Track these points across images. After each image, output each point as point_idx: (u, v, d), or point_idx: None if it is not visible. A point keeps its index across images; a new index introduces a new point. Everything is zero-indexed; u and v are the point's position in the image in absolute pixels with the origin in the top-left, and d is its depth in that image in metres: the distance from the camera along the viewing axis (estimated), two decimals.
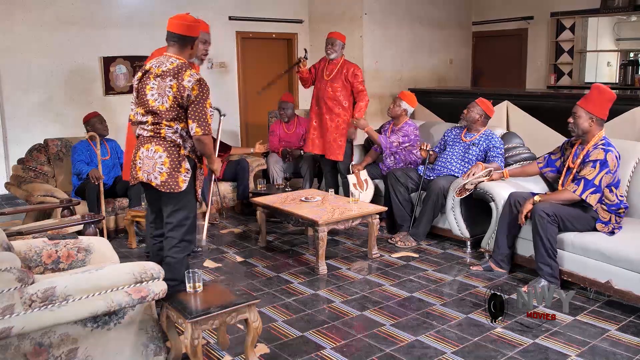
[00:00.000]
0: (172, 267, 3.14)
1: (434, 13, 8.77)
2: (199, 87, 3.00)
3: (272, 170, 6.04)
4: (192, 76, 3.00)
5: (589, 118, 3.67)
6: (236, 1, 7.84)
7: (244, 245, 4.87)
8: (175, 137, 3.07)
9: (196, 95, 2.98)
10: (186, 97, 2.98)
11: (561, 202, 3.68)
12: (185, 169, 3.09)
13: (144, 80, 3.12)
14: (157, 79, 3.05)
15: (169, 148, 3.06)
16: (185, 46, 3.12)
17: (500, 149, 4.67)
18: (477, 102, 4.78)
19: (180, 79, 2.98)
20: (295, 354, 2.97)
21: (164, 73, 3.04)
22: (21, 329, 2.17)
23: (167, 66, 3.05)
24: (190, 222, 3.22)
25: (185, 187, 3.08)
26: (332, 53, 5.50)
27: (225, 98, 7.81)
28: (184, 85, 2.97)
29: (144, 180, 3.10)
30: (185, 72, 3.00)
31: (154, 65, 3.10)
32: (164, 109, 3.03)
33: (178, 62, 3.06)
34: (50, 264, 2.96)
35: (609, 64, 9.28)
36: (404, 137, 5.17)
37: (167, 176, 3.05)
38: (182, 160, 3.08)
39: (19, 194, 4.94)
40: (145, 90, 3.09)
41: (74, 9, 6.56)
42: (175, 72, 3.01)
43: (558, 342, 3.06)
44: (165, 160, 3.05)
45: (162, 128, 3.06)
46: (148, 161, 3.08)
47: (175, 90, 2.99)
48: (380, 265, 4.34)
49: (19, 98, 6.35)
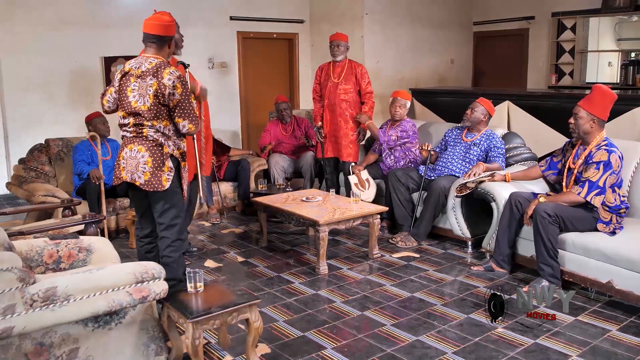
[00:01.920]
0: (169, 266, 3.15)
1: (435, 13, 8.77)
2: (181, 84, 3.03)
3: (273, 170, 6.04)
4: (172, 74, 3.01)
5: (590, 119, 3.66)
6: (237, 1, 7.85)
7: (245, 245, 4.88)
8: (157, 136, 3.08)
9: (180, 93, 3.02)
10: (168, 95, 3.00)
11: (565, 204, 3.67)
12: (168, 168, 3.10)
13: (124, 83, 3.12)
14: (137, 80, 3.06)
15: (151, 147, 3.07)
16: (163, 46, 3.15)
17: (501, 149, 4.67)
18: (479, 102, 4.78)
19: (160, 77, 3.00)
20: (296, 354, 2.97)
21: (143, 73, 3.05)
22: (22, 328, 2.17)
23: (146, 66, 3.06)
24: (182, 221, 3.26)
25: (169, 185, 3.10)
26: (339, 55, 5.53)
27: (226, 98, 7.82)
28: (164, 83, 2.99)
29: (128, 180, 3.11)
30: (165, 70, 3.01)
31: (133, 67, 3.11)
32: (145, 109, 3.04)
33: (157, 61, 3.08)
34: (51, 264, 2.97)
35: (610, 64, 9.27)
36: (402, 132, 5.18)
37: (151, 175, 3.06)
38: (165, 159, 3.10)
39: (20, 194, 4.94)
40: (126, 93, 3.10)
41: (75, 9, 6.57)
42: (154, 71, 3.02)
43: (559, 342, 3.05)
44: (148, 159, 3.06)
45: (144, 128, 3.07)
46: (131, 161, 3.09)
47: (155, 88, 3.00)
48: (381, 265, 4.34)
49: (20, 98, 6.36)
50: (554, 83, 8.79)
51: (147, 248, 3.37)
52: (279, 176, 5.99)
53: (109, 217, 4.95)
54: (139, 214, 3.36)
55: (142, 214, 3.34)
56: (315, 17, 8.47)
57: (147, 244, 3.37)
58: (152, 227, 3.34)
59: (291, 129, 6.31)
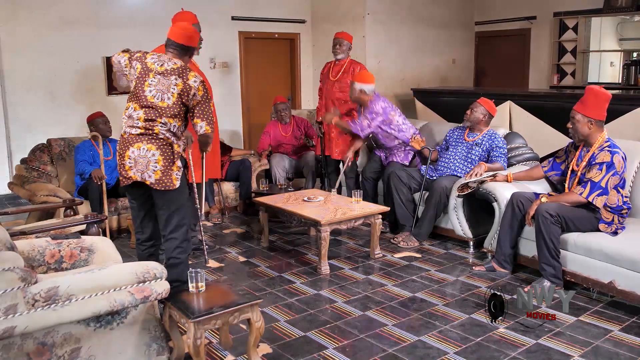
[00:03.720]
0: (177, 268, 3.16)
1: (437, 13, 8.76)
2: (204, 88, 3.18)
3: (275, 170, 6.04)
4: (197, 77, 3.17)
5: (588, 122, 3.66)
6: (239, 1, 7.85)
7: (247, 245, 4.88)
8: (169, 135, 3.11)
9: (202, 96, 3.16)
10: (192, 96, 3.12)
11: (567, 204, 3.67)
12: (177, 167, 3.14)
13: (142, 76, 3.14)
14: (157, 76, 3.10)
15: (161, 146, 3.09)
16: (185, 54, 3.26)
17: (502, 149, 4.67)
18: (480, 102, 4.77)
19: (185, 78, 3.12)
20: (297, 353, 2.97)
21: (166, 71, 3.11)
22: (24, 328, 2.18)
23: (170, 66, 3.14)
24: (189, 221, 3.31)
25: (179, 184, 3.13)
26: (339, 53, 5.55)
27: (227, 98, 7.82)
28: (189, 84, 3.11)
29: (138, 179, 3.10)
30: (190, 73, 3.16)
31: (155, 63, 3.15)
32: (164, 106, 3.08)
33: (181, 63, 3.19)
34: (53, 264, 2.97)
35: (612, 64, 9.26)
36: (371, 114, 5.08)
37: (162, 174, 3.07)
38: (175, 158, 3.13)
39: (22, 194, 4.95)
40: (143, 87, 3.11)
41: (77, 9, 6.58)
42: (179, 72, 3.12)
43: (561, 342, 3.05)
44: (159, 158, 3.08)
45: (156, 125, 3.08)
46: (141, 160, 3.08)
47: (180, 88, 3.10)
48: (382, 265, 4.34)
49: (23, 98, 6.37)
50: (555, 83, 8.77)
51: (149, 252, 3.36)
52: (281, 176, 6.00)
53: (110, 217, 4.95)
54: (140, 218, 3.33)
55: (143, 217, 3.31)
56: (317, 17, 8.47)
57: (148, 247, 3.36)
58: (153, 230, 3.33)
59: (291, 130, 6.31)
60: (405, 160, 5.23)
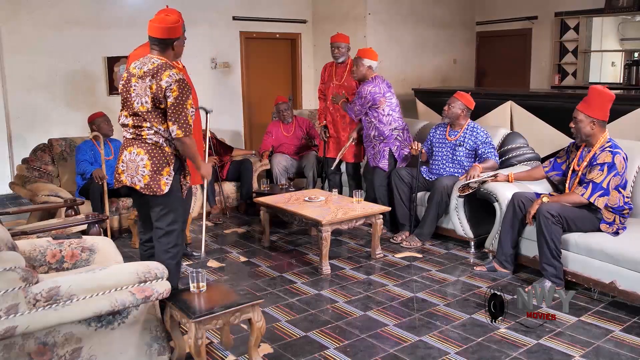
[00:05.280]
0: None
1: (438, 13, 8.75)
2: (179, 88, 2.93)
3: (276, 171, 6.04)
4: (171, 76, 2.93)
5: (590, 122, 3.65)
6: (240, 1, 7.85)
7: (248, 245, 4.88)
8: (157, 138, 3.02)
9: (176, 97, 2.92)
10: (163, 97, 2.93)
11: (569, 204, 3.67)
12: (167, 172, 3.04)
13: (128, 83, 3.09)
14: (138, 80, 3.02)
15: (150, 150, 3.02)
16: (167, 48, 3.08)
17: (489, 144, 4.63)
18: (456, 97, 4.74)
19: (158, 78, 2.94)
20: (298, 353, 2.97)
21: (144, 74, 3.00)
22: (25, 328, 2.18)
23: (148, 67, 3.01)
24: (179, 226, 3.20)
25: (167, 189, 3.04)
26: (340, 56, 5.51)
27: (228, 98, 7.83)
28: (161, 85, 2.92)
29: (128, 183, 3.08)
30: (164, 72, 2.94)
31: (137, 67, 3.07)
32: (144, 110, 3.00)
33: (159, 62, 3.02)
34: (54, 264, 2.97)
35: (613, 64, 9.24)
36: (359, 98, 5.03)
37: (149, 179, 3.02)
38: (165, 162, 3.04)
39: (24, 194, 4.95)
40: (130, 93, 3.07)
41: (78, 9, 6.58)
42: (154, 72, 2.97)
43: (562, 342, 3.05)
44: (147, 162, 3.02)
45: (143, 130, 3.03)
46: (131, 164, 3.05)
47: (153, 90, 2.94)
48: (383, 265, 4.33)
49: (24, 98, 6.37)
50: (557, 83, 8.76)
51: (151, 252, 3.34)
52: (282, 176, 5.99)
53: (111, 217, 4.95)
54: (141, 219, 3.34)
55: (143, 218, 3.31)
56: (318, 17, 8.47)
57: (150, 248, 3.34)
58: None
59: (293, 130, 6.31)
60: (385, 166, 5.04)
